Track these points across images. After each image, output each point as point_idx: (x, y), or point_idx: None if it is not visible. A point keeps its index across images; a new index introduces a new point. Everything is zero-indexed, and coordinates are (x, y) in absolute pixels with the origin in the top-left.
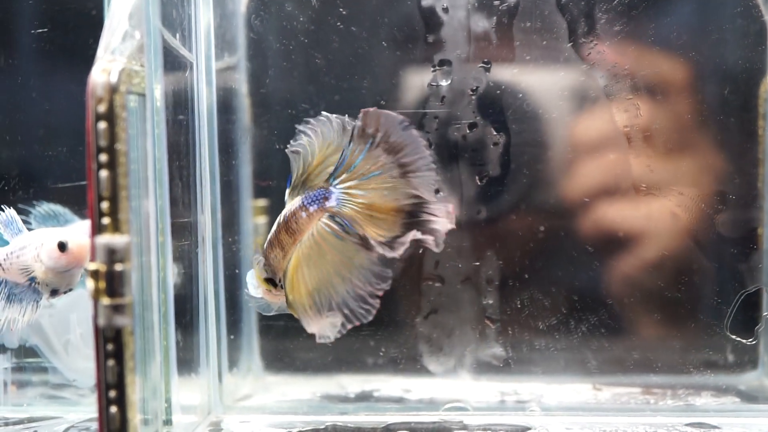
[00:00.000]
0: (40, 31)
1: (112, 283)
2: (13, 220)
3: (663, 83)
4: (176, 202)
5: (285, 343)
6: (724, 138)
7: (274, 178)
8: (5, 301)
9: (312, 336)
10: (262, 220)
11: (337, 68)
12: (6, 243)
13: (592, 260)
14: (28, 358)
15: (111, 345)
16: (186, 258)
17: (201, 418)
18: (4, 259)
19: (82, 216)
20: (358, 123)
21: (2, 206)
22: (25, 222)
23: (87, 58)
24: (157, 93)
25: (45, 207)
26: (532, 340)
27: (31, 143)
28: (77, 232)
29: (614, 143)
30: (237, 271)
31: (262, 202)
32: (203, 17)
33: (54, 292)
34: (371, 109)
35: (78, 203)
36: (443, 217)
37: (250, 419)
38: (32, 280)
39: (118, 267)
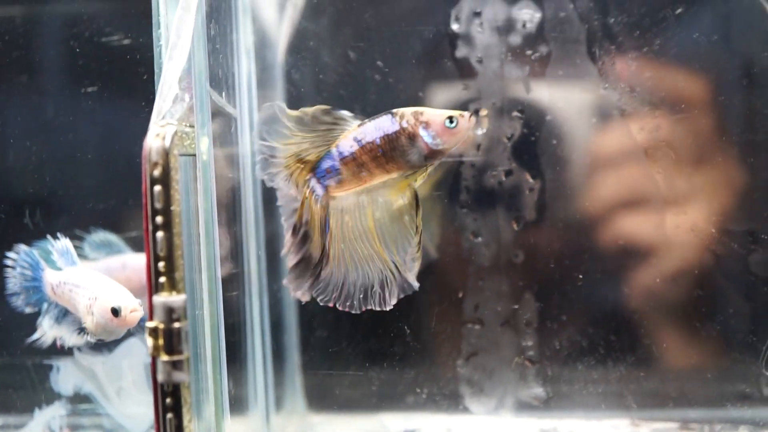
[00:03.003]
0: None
1: (170, 340)
2: (68, 250)
3: (695, 124)
4: (225, 255)
5: (327, 382)
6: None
7: None
8: (54, 320)
9: (353, 374)
10: None
11: None
12: (59, 268)
13: (629, 301)
14: (82, 405)
15: (170, 399)
16: (235, 307)
17: None
18: (57, 285)
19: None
20: None
21: (59, 234)
22: (78, 248)
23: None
24: (207, 153)
25: (100, 236)
26: (571, 380)
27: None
28: (130, 295)
29: (647, 185)
30: (280, 315)
31: None
32: (245, 71)
33: (100, 341)
34: None
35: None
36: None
37: None
38: (82, 329)
39: (176, 325)
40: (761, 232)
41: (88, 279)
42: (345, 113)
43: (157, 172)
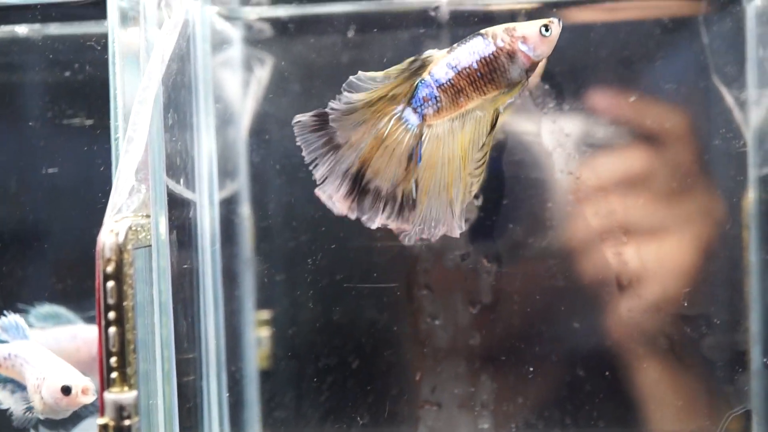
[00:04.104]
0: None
1: None
2: (17, 325)
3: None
4: (181, 340)
5: None
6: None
7: (276, 306)
8: None
9: None
10: (265, 332)
11: None
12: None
13: (583, 384)
14: None
15: None
16: (191, 392)
17: None
18: (6, 358)
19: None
20: None
21: (4, 311)
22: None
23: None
24: (162, 243)
25: (46, 308)
26: None
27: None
28: (79, 374)
29: (602, 271)
30: (240, 395)
31: (266, 314)
32: (206, 153)
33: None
34: None
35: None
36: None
37: None
38: (29, 408)
39: (126, 422)
40: (714, 317)
41: (37, 357)
42: (430, 51)
43: (110, 268)
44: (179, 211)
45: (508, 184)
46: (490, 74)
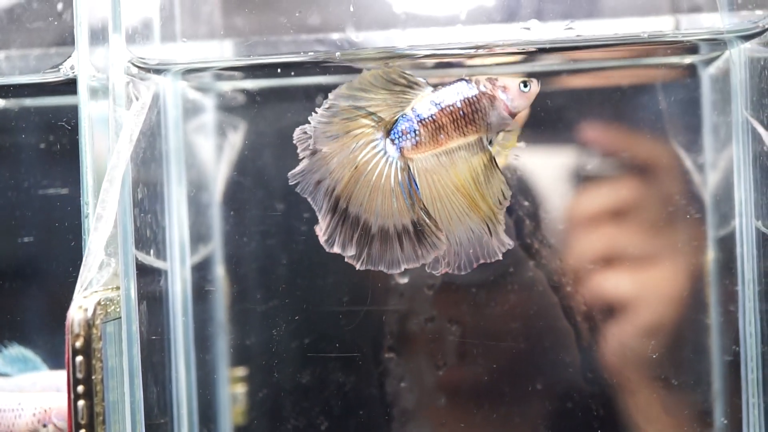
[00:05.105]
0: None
1: None
2: None
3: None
4: (152, 406)
5: None
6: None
7: (248, 368)
8: None
9: None
10: (240, 388)
11: (303, 267)
12: None
13: None
14: None
15: None
16: None
17: None
18: None
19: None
20: None
21: None
22: None
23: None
24: (132, 314)
25: (16, 350)
26: None
27: None
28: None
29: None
30: None
31: (240, 371)
32: (176, 222)
33: None
34: None
35: None
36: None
37: None
38: None
39: None
40: (672, 378)
41: (19, 399)
42: (420, 79)
43: (78, 344)
44: (150, 279)
45: None
46: (471, 114)
